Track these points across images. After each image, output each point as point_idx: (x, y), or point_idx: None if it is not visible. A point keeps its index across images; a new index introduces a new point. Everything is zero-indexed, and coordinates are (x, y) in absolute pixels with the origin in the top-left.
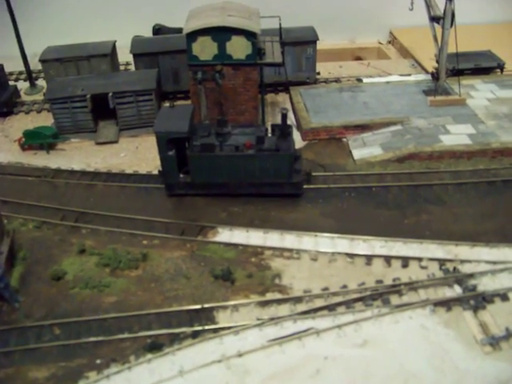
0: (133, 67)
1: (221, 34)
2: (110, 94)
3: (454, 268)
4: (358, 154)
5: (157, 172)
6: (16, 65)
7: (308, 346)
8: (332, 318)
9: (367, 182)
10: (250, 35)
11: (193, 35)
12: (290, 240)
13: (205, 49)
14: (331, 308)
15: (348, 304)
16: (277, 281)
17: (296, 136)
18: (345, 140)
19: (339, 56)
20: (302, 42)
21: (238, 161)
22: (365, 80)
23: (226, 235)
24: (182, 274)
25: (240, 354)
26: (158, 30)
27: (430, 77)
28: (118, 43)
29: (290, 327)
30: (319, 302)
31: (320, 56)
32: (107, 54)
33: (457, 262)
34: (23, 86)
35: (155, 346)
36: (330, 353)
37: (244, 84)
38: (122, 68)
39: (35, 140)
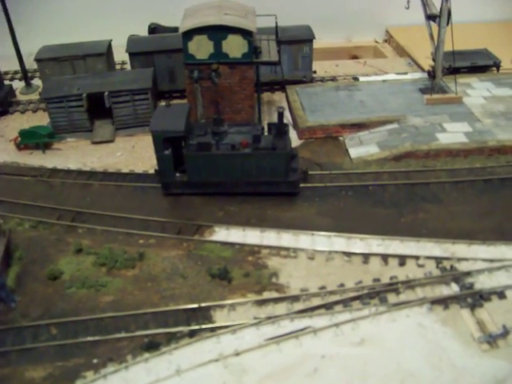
0: (129, 66)
1: (217, 32)
2: (106, 93)
3: (451, 266)
4: (354, 152)
5: (153, 171)
6: (11, 64)
7: (305, 345)
8: (329, 317)
9: (364, 180)
10: (246, 34)
11: (189, 34)
12: (286, 239)
13: (201, 47)
14: (328, 307)
15: (345, 303)
16: (274, 280)
17: (292, 135)
18: (341, 138)
19: (335, 55)
20: (299, 41)
21: (234, 160)
22: (361, 79)
23: (222, 234)
24: (178, 273)
25: (237, 353)
26: (154, 29)
27: (426, 75)
28: (113, 42)
29: (287, 326)
30: (316, 301)
31: (316, 55)
32: (103, 53)
33: (454, 260)
34: (19, 85)
35: (152, 346)
36: (327, 351)
37: (240, 83)
38: (118, 67)
39: (31, 139)
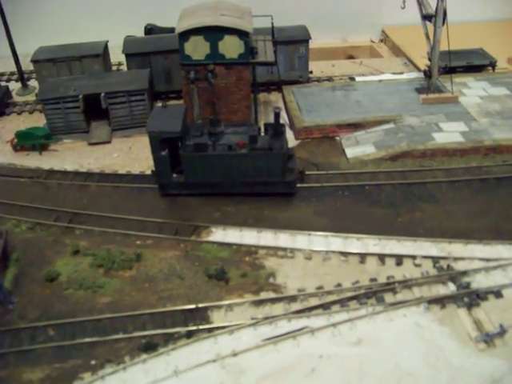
0: (125, 67)
1: (213, 33)
2: (103, 95)
3: (448, 265)
4: (351, 152)
5: (150, 172)
6: (7, 65)
7: (303, 345)
8: (326, 317)
9: (360, 180)
10: (242, 34)
11: (185, 35)
12: (283, 239)
13: (197, 48)
14: (326, 307)
15: (342, 302)
16: (271, 280)
17: (289, 135)
18: (338, 138)
19: (332, 55)
20: (295, 41)
21: (231, 160)
22: (357, 78)
23: (219, 235)
24: (175, 273)
25: (235, 354)
26: (150, 29)
27: (422, 75)
28: (110, 43)
29: (284, 326)
30: (313, 301)
31: (312, 55)
32: (99, 54)
33: (450, 260)
34: (15, 86)
35: (150, 346)
36: (324, 351)
37: (237, 83)
38: (115, 68)
39: (27, 141)
